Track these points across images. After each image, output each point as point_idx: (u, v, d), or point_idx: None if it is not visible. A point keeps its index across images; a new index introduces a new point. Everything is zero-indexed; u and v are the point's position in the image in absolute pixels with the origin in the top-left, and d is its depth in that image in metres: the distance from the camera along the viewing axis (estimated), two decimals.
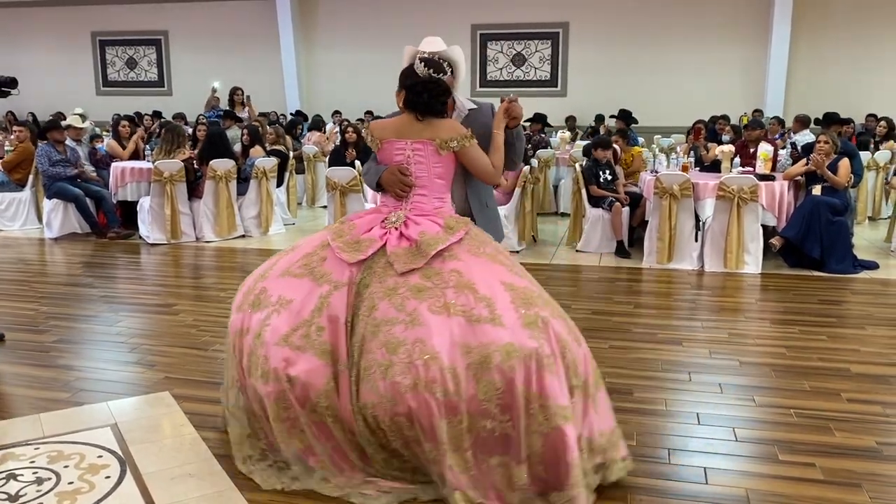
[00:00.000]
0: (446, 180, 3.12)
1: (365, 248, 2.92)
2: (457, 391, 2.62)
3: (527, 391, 2.62)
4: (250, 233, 8.59)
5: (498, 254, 3.02)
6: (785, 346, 4.68)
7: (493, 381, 2.61)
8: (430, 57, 3.11)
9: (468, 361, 2.64)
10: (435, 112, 3.06)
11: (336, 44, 16.34)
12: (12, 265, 7.18)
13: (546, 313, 2.77)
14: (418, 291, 2.79)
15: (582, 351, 2.84)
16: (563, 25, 15.29)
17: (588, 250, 7.61)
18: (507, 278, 2.86)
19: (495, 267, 2.90)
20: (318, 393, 2.77)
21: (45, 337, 4.88)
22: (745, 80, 14.68)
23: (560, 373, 2.67)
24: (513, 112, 3.17)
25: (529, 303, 2.77)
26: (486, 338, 2.65)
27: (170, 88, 17.52)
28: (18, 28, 17.85)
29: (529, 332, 2.67)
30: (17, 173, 9.07)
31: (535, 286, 2.97)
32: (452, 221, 3.00)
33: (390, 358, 2.68)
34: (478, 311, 2.71)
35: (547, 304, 2.88)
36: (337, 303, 2.84)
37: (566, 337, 2.77)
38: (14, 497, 2.88)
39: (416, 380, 2.63)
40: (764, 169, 7.34)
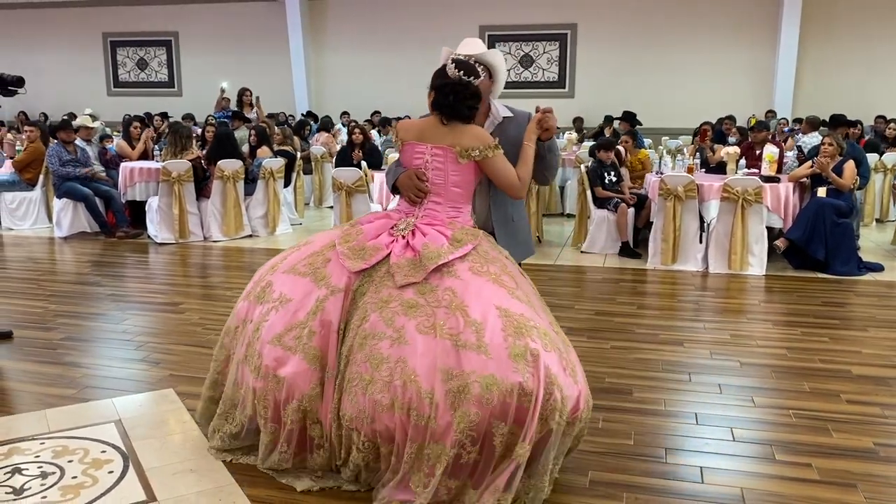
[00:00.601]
0: (464, 189, 3.01)
1: (369, 257, 2.89)
2: (433, 416, 2.55)
3: (500, 425, 2.53)
4: (257, 232, 8.66)
5: (502, 274, 2.84)
6: (786, 348, 4.69)
7: (468, 413, 2.52)
8: (464, 59, 3.01)
9: (447, 388, 2.55)
10: (460, 116, 2.95)
11: (345, 45, 16.41)
12: (22, 264, 7.26)
13: (537, 345, 2.60)
14: (409, 307, 2.73)
15: (577, 388, 2.66)
16: (571, 27, 15.31)
17: (593, 251, 7.63)
18: (505, 303, 2.70)
19: (495, 289, 2.75)
20: (303, 396, 2.80)
21: (52, 334, 4.94)
22: (754, 82, 14.65)
23: (535, 413, 2.52)
24: (545, 123, 3.06)
25: (521, 332, 2.61)
26: (469, 366, 2.56)
27: (180, 89, 17.64)
28: (31, 29, 18.02)
29: (514, 364, 2.55)
30: (27, 173, 9.16)
31: (536, 311, 2.80)
32: (461, 234, 2.90)
33: (372, 374, 2.67)
34: (465, 335, 2.61)
35: (542, 335, 2.66)
36: (332, 308, 2.84)
37: (557, 374, 2.59)
38: (19, 490, 2.93)
39: (393, 399, 2.62)
40: (769, 171, 7.34)
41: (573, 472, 3.06)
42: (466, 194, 3.04)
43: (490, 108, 3.15)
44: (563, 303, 5.73)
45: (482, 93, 3.03)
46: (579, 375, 2.73)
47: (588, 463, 3.14)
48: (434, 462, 2.57)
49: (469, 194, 3.06)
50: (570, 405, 2.60)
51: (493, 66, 3.09)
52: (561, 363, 2.64)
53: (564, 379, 2.61)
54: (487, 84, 3.08)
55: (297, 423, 2.84)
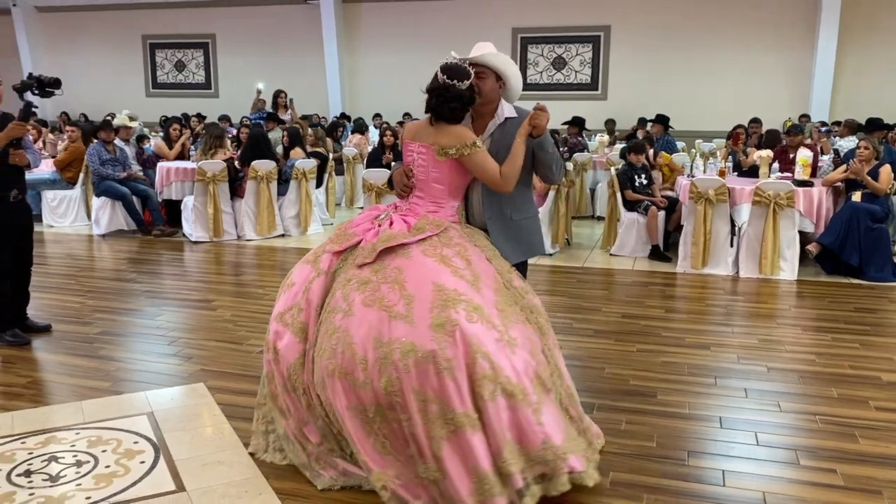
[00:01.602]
0: (446, 186, 3.12)
1: (344, 241, 3.12)
2: (365, 381, 2.75)
3: (422, 392, 2.66)
4: (289, 232, 8.78)
5: (455, 256, 2.93)
6: (815, 353, 4.64)
7: (391, 377, 2.69)
8: (453, 63, 3.09)
9: (377, 355, 2.74)
10: (444, 117, 3.07)
11: (378, 48, 16.53)
12: (62, 260, 7.46)
13: (459, 316, 2.70)
14: (362, 284, 2.92)
15: (519, 359, 2.74)
16: (604, 29, 15.23)
17: (622, 254, 7.61)
18: (442, 279, 2.83)
19: (438, 267, 2.88)
20: (290, 366, 3.05)
21: (89, 329, 5.08)
22: (790, 85, 14.43)
23: (461, 378, 2.63)
24: (534, 120, 3.09)
25: (447, 305, 2.74)
26: (395, 333, 2.74)
27: (216, 90, 17.92)
28: (73, 32, 18.44)
29: (433, 333, 2.69)
30: (68, 172, 9.40)
31: (480, 291, 2.85)
32: (423, 223, 3.03)
33: (327, 343, 2.89)
34: (398, 307, 2.79)
35: (472, 308, 2.74)
36: (316, 288, 3.08)
37: (482, 342, 2.68)
38: (55, 478, 3.04)
39: (335, 366, 2.83)
40: (803, 175, 7.25)
41: None
42: (449, 191, 3.14)
43: (497, 108, 3.22)
44: (590, 305, 5.73)
45: (486, 94, 3.15)
46: (524, 349, 2.80)
47: (609, 464, 3.16)
48: (378, 424, 2.76)
49: (453, 191, 3.16)
50: (503, 374, 2.67)
51: (496, 68, 3.17)
52: (492, 334, 2.73)
53: (494, 349, 2.70)
54: (493, 85, 3.17)
55: (290, 391, 3.09)
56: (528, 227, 3.35)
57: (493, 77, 3.17)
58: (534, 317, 3.06)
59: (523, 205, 3.32)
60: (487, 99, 3.19)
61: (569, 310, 5.58)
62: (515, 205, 3.28)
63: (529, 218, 3.37)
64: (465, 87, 3.06)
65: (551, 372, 2.93)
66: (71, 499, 2.88)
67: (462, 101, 3.06)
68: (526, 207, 3.34)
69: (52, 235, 8.80)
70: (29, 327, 4.92)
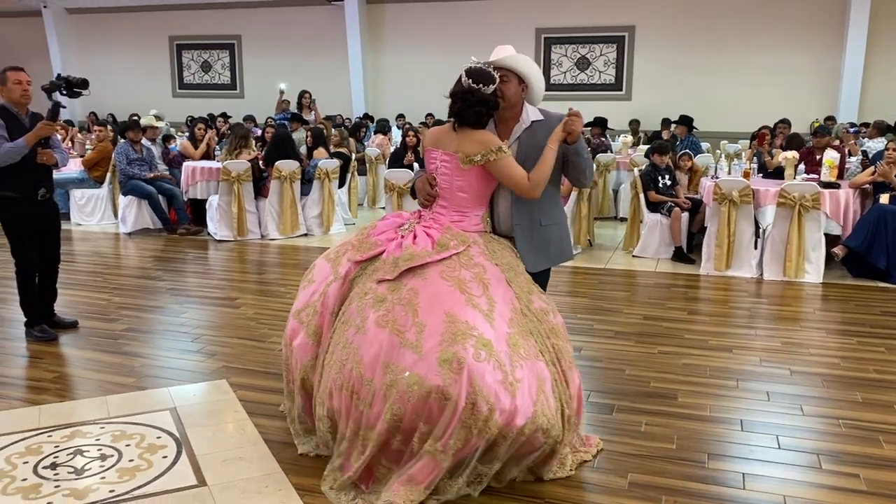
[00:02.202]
0: (470, 195, 3.08)
1: (366, 250, 3.10)
2: (370, 403, 2.78)
3: (423, 424, 2.70)
4: (312, 232, 8.84)
5: (473, 280, 2.90)
6: (840, 357, 4.59)
7: (392, 406, 2.71)
8: (478, 67, 3.05)
9: (384, 380, 2.75)
10: (469, 122, 3.02)
11: (401, 48, 16.57)
12: (89, 258, 7.58)
13: (467, 354, 2.68)
14: (378, 301, 2.91)
15: (513, 404, 2.70)
16: (629, 29, 15.14)
17: (645, 256, 7.57)
18: (455, 309, 2.80)
19: (453, 295, 2.84)
20: (304, 366, 3.11)
21: (115, 325, 5.16)
22: (817, 85, 14.24)
23: (454, 418, 2.65)
24: (569, 126, 3.02)
25: (456, 339, 2.71)
26: (403, 362, 2.73)
27: (241, 91, 18.07)
28: (102, 33, 18.70)
29: (439, 368, 2.67)
30: (95, 171, 9.54)
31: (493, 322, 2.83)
32: (446, 239, 2.98)
33: (338, 356, 2.91)
34: (408, 334, 2.78)
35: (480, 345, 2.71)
36: (332, 292, 3.10)
37: (484, 385, 2.66)
38: (80, 471, 3.10)
39: (343, 382, 2.86)
40: (829, 176, 7.16)
41: (612, 474, 3.08)
42: (473, 199, 3.10)
43: (521, 111, 3.17)
44: (611, 307, 5.71)
45: (510, 98, 3.10)
46: (525, 393, 2.75)
47: (628, 465, 3.15)
48: (365, 443, 2.81)
49: (478, 199, 3.11)
50: (500, 419, 2.67)
51: (519, 71, 3.12)
52: (496, 375, 2.70)
53: (496, 392, 2.67)
54: (516, 89, 3.12)
55: (300, 389, 3.18)
56: (557, 234, 3.30)
57: (516, 80, 3.13)
58: (550, 342, 2.99)
59: (553, 210, 3.27)
60: (511, 103, 3.14)
61: (590, 311, 5.56)
62: (545, 210, 3.21)
63: (558, 224, 3.32)
64: (490, 91, 3.01)
65: (557, 409, 2.88)
66: (95, 491, 2.94)
67: (487, 105, 3.01)
68: (555, 212, 3.29)
69: (79, 233, 8.94)
70: (56, 323, 5.01)
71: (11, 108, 4.63)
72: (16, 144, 4.52)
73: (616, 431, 3.49)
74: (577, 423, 3.09)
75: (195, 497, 2.90)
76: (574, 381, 3.02)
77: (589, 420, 3.59)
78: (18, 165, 4.57)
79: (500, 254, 3.11)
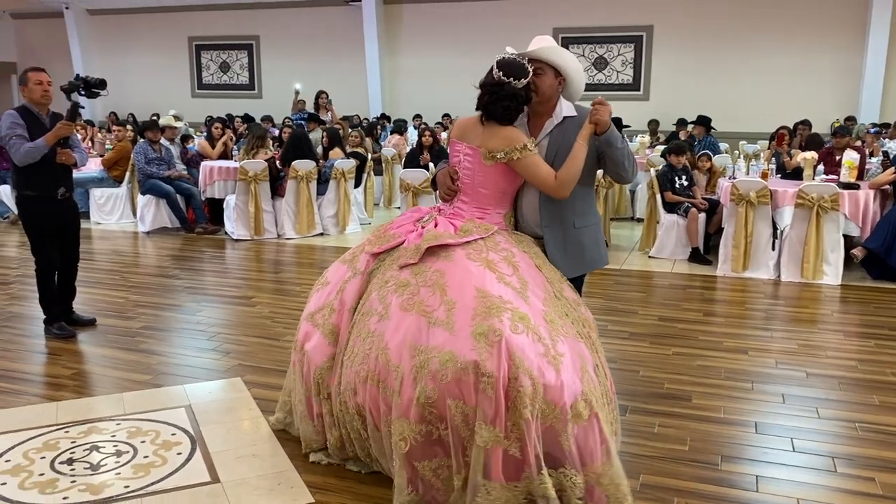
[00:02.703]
0: (491, 191, 2.96)
1: (384, 242, 3.02)
2: (398, 391, 2.62)
3: (463, 403, 2.51)
4: (328, 231, 8.88)
5: (501, 262, 2.77)
6: (857, 360, 4.54)
7: (425, 388, 2.54)
8: (511, 58, 2.90)
9: (413, 363, 2.60)
10: (495, 117, 2.89)
11: (418, 48, 16.61)
12: (107, 256, 7.66)
13: (503, 325, 2.52)
14: (401, 286, 2.80)
15: (565, 378, 2.56)
16: (647, 28, 15.08)
17: (661, 256, 7.52)
18: (487, 285, 2.67)
19: (482, 272, 2.72)
20: (318, 369, 2.99)
21: (132, 323, 5.22)
22: (838, 85, 14.10)
23: (498, 393, 2.46)
24: (594, 116, 2.85)
25: (490, 313, 2.57)
26: (433, 341, 2.59)
27: (260, 91, 18.19)
28: (123, 34, 18.90)
29: (474, 342, 2.52)
30: (115, 170, 9.64)
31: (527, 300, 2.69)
32: (470, 226, 2.90)
33: (360, 347, 2.82)
34: (438, 313, 2.64)
35: (517, 318, 2.57)
36: (350, 289, 3.01)
37: (526, 357, 2.51)
38: (96, 466, 3.14)
39: (368, 372, 2.75)
40: (849, 177, 7.08)
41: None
42: (495, 196, 2.98)
43: (556, 106, 3.02)
44: (626, 308, 5.69)
45: (544, 91, 2.94)
46: (569, 368, 2.59)
47: (639, 466, 3.14)
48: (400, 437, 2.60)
49: (500, 197, 2.99)
50: (544, 394, 2.50)
51: (555, 63, 2.95)
52: (537, 349, 2.55)
53: (538, 365, 2.52)
54: (552, 83, 2.96)
55: (314, 395, 3.04)
56: (590, 237, 3.10)
57: (552, 73, 2.94)
58: (586, 331, 2.88)
59: (586, 210, 3.08)
60: (545, 97, 2.97)
61: (605, 312, 5.54)
62: (577, 210, 3.02)
63: (592, 226, 3.12)
64: (522, 85, 2.86)
65: (602, 393, 2.73)
66: (110, 487, 2.97)
67: (516, 100, 2.87)
68: (589, 214, 3.10)
69: (98, 232, 9.03)
70: (74, 321, 5.07)
71: (32, 108, 4.70)
72: (35, 144, 4.58)
73: (629, 432, 3.47)
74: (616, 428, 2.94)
75: (209, 493, 2.93)
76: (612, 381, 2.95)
77: None
78: (38, 165, 4.63)
79: (527, 244, 3.00)
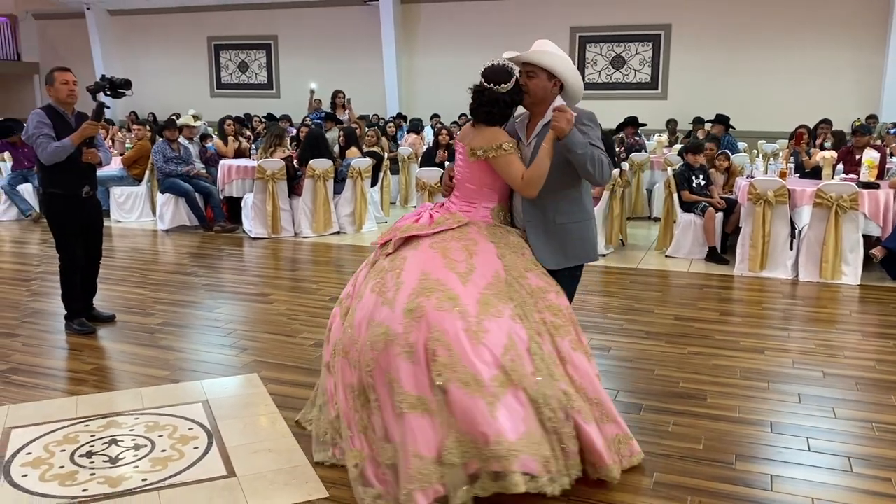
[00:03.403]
0: (477, 186, 3.17)
1: (385, 235, 3.26)
2: (354, 360, 2.94)
3: (388, 372, 2.77)
4: (345, 230, 8.92)
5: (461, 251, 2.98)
6: (875, 360, 4.50)
7: (369, 359, 2.85)
8: (496, 65, 3.08)
9: (367, 335, 2.90)
10: (480, 119, 3.12)
11: (435, 48, 16.61)
12: (127, 254, 7.75)
13: (429, 304, 2.78)
14: (378, 272, 3.10)
15: (484, 350, 2.72)
16: (664, 27, 14.98)
17: (678, 256, 7.49)
18: (432, 269, 2.93)
19: (436, 260, 2.98)
20: (335, 343, 3.19)
21: (150, 319, 5.28)
22: (858, 84, 13.93)
23: (419, 362, 2.72)
24: (552, 123, 2.96)
25: (422, 293, 2.84)
26: (379, 317, 2.88)
27: (278, 91, 18.27)
28: (143, 34, 19.06)
29: (403, 318, 2.80)
30: (134, 169, 9.74)
31: (469, 289, 2.87)
32: (444, 218, 3.14)
33: (344, 326, 3.11)
34: (389, 293, 2.93)
35: (446, 298, 2.79)
36: (361, 276, 3.27)
37: (445, 331, 2.72)
38: (114, 460, 3.19)
39: (342, 345, 3.06)
40: (869, 176, 7.01)
41: (637, 473, 3.07)
42: (479, 191, 3.18)
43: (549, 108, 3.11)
44: (642, 307, 5.67)
45: (535, 93, 3.09)
46: (492, 343, 2.75)
47: (653, 465, 3.14)
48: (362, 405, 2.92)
49: (484, 192, 3.17)
50: (461, 363, 2.68)
51: (545, 66, 3.06)
52: (459, 324, 2.75)
53: (458, 338, 2.72)
54: (545, 85, 3.08)
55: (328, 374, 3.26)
56: (576, 233, 3.18)
57: (545, 76, 3.08)
58: (541, 315, 2.96)
59: (570, 207, 3.17)
60: (537, 98, 3.11)
61: (620, 311, 5.54)
62: (560, 208, 3.15)
63: (578, 223, 3.19)
64: (506, 89, 3.04)
65: (533, 371, 2.79)
66: (128, 480, 3.02)
67: (497, 104, 3.06)
68: (573, 211, 3.18)
69: (118, 230, 9.13)
70: (95, 317, 5.14)
71: (58, 107, 4.78)
72: (62, 144, 4.65)
73: (643, 431, 3.47)
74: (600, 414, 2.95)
75: (224, 487, 2.97)
76: (579, 365, 2.95)
77: None
78: (64, 164, 4.70)
79: (501, 235, 3.15)
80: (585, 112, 3.10)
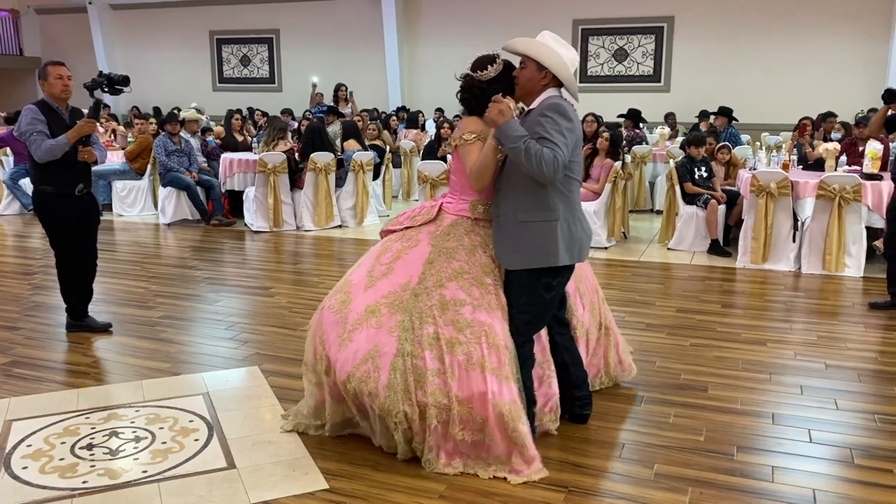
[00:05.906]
0: (458, 177, 3.16)
1: (393, 224, 3.35)
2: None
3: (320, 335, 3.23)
4: (346, 223, 8.92)
5: (388, 252, 3.21)
6: (878, 352, 4.49)
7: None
8: (484, 55, 3.08)
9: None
10: (465, 107, 3.15)
11: (438, 41, 16.57)
12: (129, 247, 7.75)
13: (329, 303, 3.21)
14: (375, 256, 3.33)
15: (340, 357, 3.04)
16: (668, 19, 14.91)
17: (680, 248, 7.47)
18: (356, 270, 3.28)
19: (370, 258, 3.28)
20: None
21: (152, 313, 5.28)
22: (862, 76, 13.87)
23: (314, 355, 3.22)
24: (488, 112, 2.86)
25: (336, 292, 3.26)
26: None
27: (280, 85, 18.25)
28: (145, 28, 19.04)
29: (317, 313, 3.27)
30: (136, 163, 9.74)
31: (375, 280, 3.14)
32: (420, 216, 3.26)
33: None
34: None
35: (343, 302, 3.18)
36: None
37: (324, 331, 3.15)
38: (115, 452, 3.19)
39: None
40: (872, 168, 6.98)
41: (638, 464, 3.07)
42: (460, 182, 3.15)
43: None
44: (644, 299, 5.66)
45: (523, 84, 2.98)
46: (350, 353, 3.01)
47: (654, 456, 3.14)
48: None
49: (464, 183, 3.11)
50: (326, 365, 3.15)
51: (531, 55, 2.94)
52: (337, 328, 3.12)
53: (331, 341, 3.11)
54: (533, 75, 2.95)
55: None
56: (540, 233, 2.93)
57: (534, 66, 2.92)
58: (440, 329, 2.94)
59: (535, 206, 2.92)
60: (525, 90, 2.98)
61: (622, 303, 5.52)
62: (524, 205, 2.93)
63: (542, 223, 2.93)
64: (485, 77, 3.00)
65: (386, 384, 2.92)
66: (129, 472, 3.02)
67: (470, 91, 3.07)
68: (539, 210, 2.93)
69: (120, 224, 9.13)
70: (90, 327, 4.88)
71: (52, 102, 4.60)
72: (57, 142, 4.48)
73: (644, 422, 3.47)
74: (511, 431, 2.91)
75: (224, 479, 2.97)
76: (474, 384, 2.88)
77: (616, 411, 3.59)
78: (59, 162, 4.53)
79: (453, 236, 3.11)
80: (552, 103, 2.88)
